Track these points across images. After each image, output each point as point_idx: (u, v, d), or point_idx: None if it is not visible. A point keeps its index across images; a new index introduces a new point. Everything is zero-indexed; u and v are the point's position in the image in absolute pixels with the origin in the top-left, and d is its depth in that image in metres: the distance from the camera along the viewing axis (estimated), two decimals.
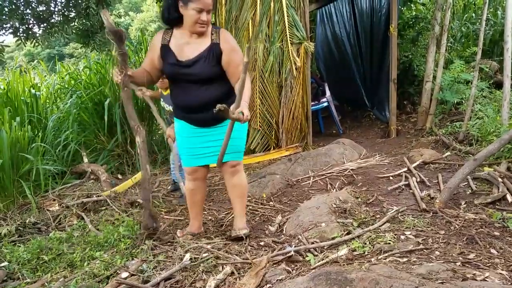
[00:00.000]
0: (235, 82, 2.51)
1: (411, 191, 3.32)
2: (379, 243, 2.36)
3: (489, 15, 6.81)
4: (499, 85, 5.15)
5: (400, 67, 6.34)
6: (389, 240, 2.39)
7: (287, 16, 5.24)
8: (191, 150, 2.75)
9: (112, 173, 5.00)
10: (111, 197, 3.76)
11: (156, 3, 7.92)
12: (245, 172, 4.50)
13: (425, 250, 2.25)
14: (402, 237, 2.46)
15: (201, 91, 2.56)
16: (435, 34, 5.54)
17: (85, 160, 4.89)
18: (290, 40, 5.28)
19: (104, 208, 3.65)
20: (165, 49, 2.57)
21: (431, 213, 2.82)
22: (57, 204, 3.69)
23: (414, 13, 7.43)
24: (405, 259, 2.14)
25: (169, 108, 3.71)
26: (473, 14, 7.50)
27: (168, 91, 3.56)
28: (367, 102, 6.91)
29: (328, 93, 6.32)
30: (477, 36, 4.93)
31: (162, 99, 3.87)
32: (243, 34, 5.24)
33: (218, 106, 2.08)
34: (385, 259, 2.16)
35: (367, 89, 6.91)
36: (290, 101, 5.35)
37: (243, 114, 2.29)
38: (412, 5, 7.49)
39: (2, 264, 2.65)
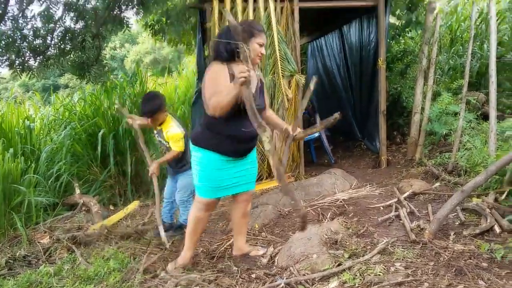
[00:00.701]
0: (266, 111, 2.87)
1: (401, 221, 3.35)
2: (369, 275, 2.38)
3: (475, 48, 7.01)
4: (486, 117, 5.27)
5: (389, 99, 6.48)
6: (379, 272, 2.41)
7: (279, 50, 5.38)
8: (218, 182, 2.75)
9: (104, 205, 5.00)
10: (102, 230, 3.75)
11: (152, 36, 8.09)
12: None
13: (414, 282, 2.27)
14: (392, 268, 2.48)
15: None
16: (422, 67, 5.70)
17: (77, 191, 4.88)
18: (281, 73, 5.41)
19: (95, 240, 3.63)
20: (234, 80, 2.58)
21: (421, 244, 2.84)
22: (48, 237, 3.67)
23: (402, 46, 7.64)
24: None
25: (165, 143, 3.61)
26: (460, 47, 7.72)
27: (162, 126, 3.58)
28: (358, 132, 7.01)
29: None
30: (464, 68, 5.08)
31: (156, 134, 3.73)
32: None
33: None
34: None
35: (357, 120, 7.03)
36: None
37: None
38: (400, 38, 7.71)
39: None
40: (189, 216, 2.93)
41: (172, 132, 3.52)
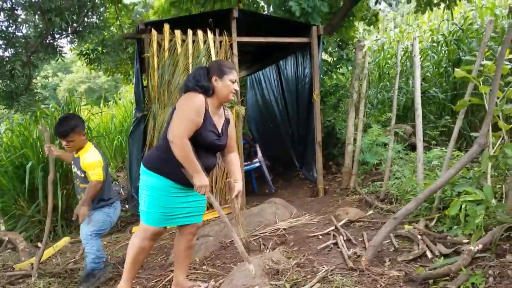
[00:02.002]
0: (230, 152, 2.93)
1: (339, 249, 3.45)
2: None
3: (401, 84, 7.56)
4: (413, 147, 5.64)
5: (324, 130, 6.77)
6: None
7: None
8: (167, 209, 2.70)
9: (31, 241, 4.67)
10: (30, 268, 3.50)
11: (87, 65, 7.89)
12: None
13: None
14: None
15: (214, 159, 2.86)
16: (353, 101, 6.03)
17: (2, 227, 4.53)
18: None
19: (21, 280, 3.38)
20: (207, 115, 2.65)
21: (358, 271, 2.94)
22: None
23: (334, 81, 8.06)
24: None
25: (81, 174, 3.36)
26: (387, 83, 8.29)
27: (80, 153, 3.31)
28: (296, 162, 7.21)
29: (259, 153, 6.53)
30: (392, 102, 5.45)
31: (73, 164, 3.46)
32: (176, 97, 5.34)
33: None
34: None
35: (295, 150, 7.24)
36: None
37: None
38: (332, 74, 8.13)
39: None
40: (130, 246, 2.79)
41: (89, 160, 3.27)
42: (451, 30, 8.09)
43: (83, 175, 3.33)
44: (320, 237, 3.86)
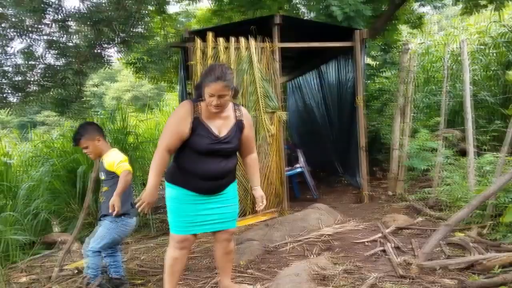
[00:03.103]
0: (247, 155, 2.86)
1: (387, 256, 3.37)
2: None
3: (449, 87, 7.31)
4: (463, 153, 5.44)
5: (368, 135, 6.63)
6: None
7: (260, 88, 5.50)
8: (187, 217, 2.70)
9: (82, 243, 4.84)
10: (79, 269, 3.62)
11: (133, 74, 8.13)
12: None
13: None
14: None
15: (222, 163, 2.70)
16: (399, 105, 5.89)
17: (56, 229, 4.73)
18: (263, 110, 5.50)
19: (73, 280, 3.50)
20: (197, 122, 2.62)
21: (409, 279, 2.85)
22: (25, 276, 3.52)
23: (378, 85, 7.91)
24: None
25: (104, 176, 3.32)
26: (433, 87, 8.04)
27: (102, 157, 3.28)
28: (339, 168, 7.11)
29: (301, 159, 6.49)
30: (439, 106, 5.29)
31: (99, 170, 3.43)
32: None
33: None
34: None
35: (338, 155, 7.15)
36: (265, 166, 5.47)
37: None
38: (376, 78, 7.99)
39: None
40: (165, 258, 2.81)
41: (110, 158, 3.23)
42: (500, 32, 7.76)
43: (105, 177, 3.32)
44: (367, 243, 3.77)
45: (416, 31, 9.63)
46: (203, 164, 2.65)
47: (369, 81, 7.67)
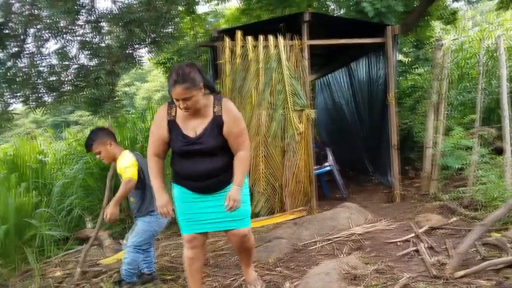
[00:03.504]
0: (235, 152, 2.64)
1: (420, 257, 3.28)
2: None
3: (484, 85, 7.07)
4: (498, 151, 5.24)
5: (400, 133, 6.48)
6: None
7: (289, 86, 5.47)
8: (189, 216, 2.71)
9: (114, 239, 4.94)
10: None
11: (163, 74, 8.25)
12: None
13: None
14: None
15: (206, 162, 2.61)
16: (432, 102, 5.73)
17: (89, 225, 4.85)
18: (292, 108, 5.47)
19: (106, 275, 3.58)
20: (172, 125, 2.61)
21: (443, 279, 2.77)
22: (59, 271, 3.62)
23: (410, 82, 7.73)
24: None
25: (121, 179, 3.34)
26: (468, 84, 7.79)
27: (116, 161, 3.35)
28: (369, 166, 6.99)
29: (330, 157, 6.41)
30: (473, 104, 5.11)
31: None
32: (247, 102, 5.43)
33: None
34: None
35: (368, 154, 7.02)
36: (293, 165, 5.44)
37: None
38: (407, 75, 7.81)
39: None
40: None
41: (121, 163, 3.26)
42: None
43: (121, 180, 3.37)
44: (399, 243, 3.68)
45: (450, 27, 9.36)
46: (185, 165, 2.65)
47: (401, 78, 7.50)
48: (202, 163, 2.60)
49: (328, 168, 6.34)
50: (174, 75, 2.43)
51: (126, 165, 3.21)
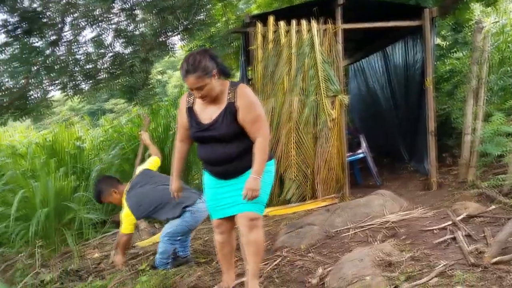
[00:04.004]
0: (254, 139, 2.56)
1: (457, 245, 3.19)
2: None
3: None
4: None
5: (438, 119, 6.28)
6: None
7: (322, 71, 5.39)
8: (214, 202, 2.75)
9: (149, 222, 5.05)
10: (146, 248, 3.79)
11: None
12: (281, 223, 4.48)
13: None
14: None
15: (220, 149, 2.60)
16: (472, 87, 5.52)
17: None
18: (324, 93, 5.39)
19: (142, 257, 3.67)
20: (190, 112, 2.66)
21: (481, 267, 2.68)
22: (97, 252, 3.74)
23: (448, 67, 7.46)
24: None
25: None
26: (509, 68, 7.45)
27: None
28: (404, 154, 6.82)
29: (364, 144, 6.30)
30: None
31: None
32: (279, 88, 5.39)
33: None
34: None
35: (404, 141, 6.85)
36: (325, 151, 5.38)
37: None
38: (445, 60, 7.54)
39: None
40: None
41: (122, 213, 3.45)
42: None
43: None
44: (435, 231, 3.59)
45: (490, 9, 8.93)
46: (203, 150, 2.70)
47: (438, 62, 7.26)
48: (217, 149, 2.61)
49: (361, 155, 6.24)
50: (185, 64, 2.43)
51: (122, 216, 3.43)
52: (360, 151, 6.28)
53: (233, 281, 2.92)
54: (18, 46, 4.63)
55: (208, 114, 2.60)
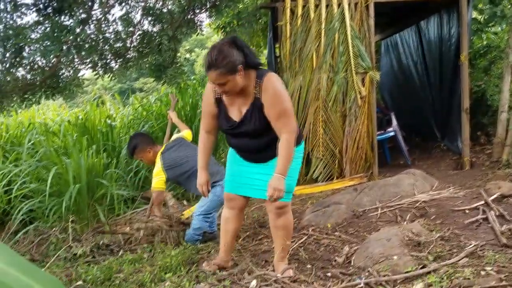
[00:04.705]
0: (279, 135, 2.42)
1: (489, 225, 3.09)
2: (457, 278, 2.21)
3: None
4: None
5: (473, 97, 6.06)
6: (468, 276, 2.22)
7: (352, 47, 5.25)
8: (234, 177, 2.73)
9: (178, 199, 5.15)
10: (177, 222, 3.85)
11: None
12: (308, 202, 4.47)
13: (508, 287, 2.07)
14: (483, 272, 2.28)
15: (251, 141, 2.57)
16: (509, 63, 5.27)
17: None
18: (355, 70, 5.26)
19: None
20: (219, 102, 2.56)
21: None
22: (128, 227, 3.84)
23: (485, 42, 7.15)
24: None
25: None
26: None
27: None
28: (437, 132, 6.62)
29: (394, 122, 6.15)
30: None
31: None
32: (307, 65, 5.30)
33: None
34: None
35: (436, 119, 6.64)
36: (354, 130, 5.28)
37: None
38: (482, 34, 7.22)
39: (78, 283, 2.77)
40: None
41: (154, 168, 3.64)
42: None
43: None
44: (467, 211, 3.49)
45: None
46: (234, 141, 2.67)
47: (474, 37, 6.95)
48: (248, 142, 2.58)
49: (391, 134, 6.10)
50: (209, 57, 2.30)
51: (154, 173, 3.61)
52: (390, 129, 6.14)
53: (227, 264, 2.86)
54: (49, 25, 4.71)
55: (236, 109, 2.51)
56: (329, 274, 2.68)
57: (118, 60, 6.54)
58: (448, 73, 6.05)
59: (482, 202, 3.60)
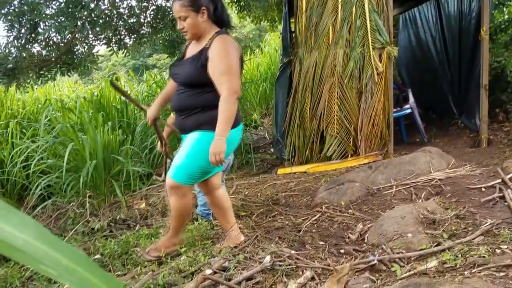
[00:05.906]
0: (220, 94, 2.35)
1: (506, 203, 3.06)
2: (472, 256, 2.20)
3: None
4: None
5: (492, 73, 5.90)
6: (484, 254, 2.21)
7: (370, 21, 5.12)
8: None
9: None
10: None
11: (237, 14, 8.12)
12: (321, 179, 4.46)
13: None
14: (498, 251, 2.27)
15: (179, 94, 2.49)
16: None
17: (170, 163, 5.11)
18: (372, 45, 5.15)
19: None
20: (185, 52, 2.66)
21: None
22: (144, 203, 3.90)
23: (506, 16, 6.92)
24: (502, 274, 1.98)
25: None
26: None
27: None
28: (455, 109, 6.50)
29: (411, 99, 6.04)
30: None
31: None
32: (323, 40, 5.20)
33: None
34: (479, 272, 2.01)
35: (454, 96, 6.51)
36: (370, 107, 5.20)
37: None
38: (504, 8, 6.98)
39: (96, 257, 2.85)
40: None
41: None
42: None
43: None
44: (483, 189, 3.45)
45: None
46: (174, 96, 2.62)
47: (496, 11, 6.72)
48: (177, 95, 2.52)
49: (408, 111, 6.00)
50: None
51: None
52: (407, 106, 6.05)
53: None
54: (64, 0, 4.69)
55: (189, 53, 2.54)
56: (342, 251, 2.70)
57: (132, 36, 6.51)
58: (467, 48, 5.89)
59: (499, 180, 3.56)
